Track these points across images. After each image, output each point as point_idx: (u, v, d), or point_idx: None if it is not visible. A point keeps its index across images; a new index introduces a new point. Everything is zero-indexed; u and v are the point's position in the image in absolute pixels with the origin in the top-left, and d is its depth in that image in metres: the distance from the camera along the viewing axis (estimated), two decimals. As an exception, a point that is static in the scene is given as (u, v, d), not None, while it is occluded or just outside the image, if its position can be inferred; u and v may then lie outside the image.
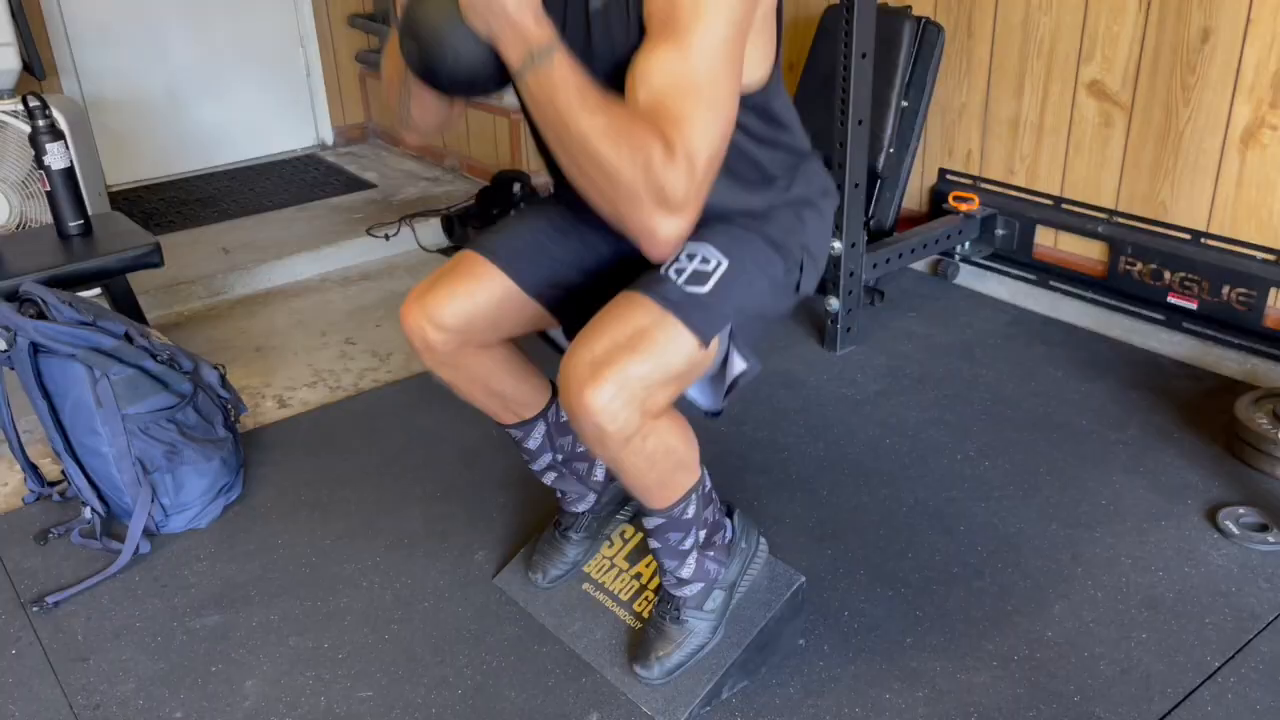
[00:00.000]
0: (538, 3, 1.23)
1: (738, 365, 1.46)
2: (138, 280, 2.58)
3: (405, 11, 1.31)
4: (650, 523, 1.58)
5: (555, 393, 1.78)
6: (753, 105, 1.41)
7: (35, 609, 1.91)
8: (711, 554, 1.67)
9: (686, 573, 1.64)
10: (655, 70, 1.22)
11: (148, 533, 2.06)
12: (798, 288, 1.54)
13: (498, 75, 1.29)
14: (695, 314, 1.35)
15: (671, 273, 1.38)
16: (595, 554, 1.91)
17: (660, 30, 1.24)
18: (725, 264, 1.40)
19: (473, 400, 1.71)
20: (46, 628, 1.88)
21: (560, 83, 1.21)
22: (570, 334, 1.56)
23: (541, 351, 1.74)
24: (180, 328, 3.10)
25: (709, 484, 1.62)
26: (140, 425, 2.04)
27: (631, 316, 1.34)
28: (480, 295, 1.57)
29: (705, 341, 1.37)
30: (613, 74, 1.30)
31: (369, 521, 2.15)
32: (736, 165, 1.43)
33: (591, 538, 1.92)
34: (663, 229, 1.24)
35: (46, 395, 2.03)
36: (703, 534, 1.62)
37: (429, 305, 1.56)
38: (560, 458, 1.85)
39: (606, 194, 1.24)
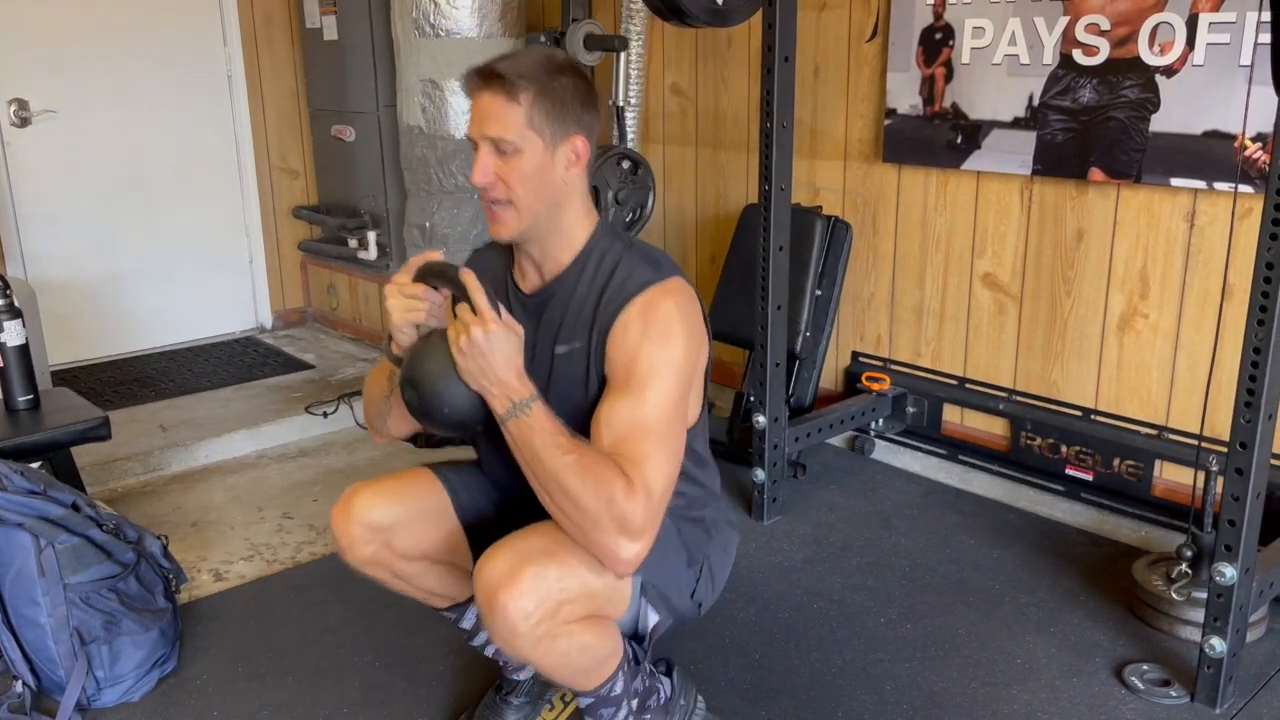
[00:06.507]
0: (520, 364, 1.47)
1: (652, 618, 1.64)
2: (75, 457, 2.62)
3: (408, 365, 1.52)
4: (582, 702, 1.66)
5: None
6: None
7: (-42, 787, 1.87)
8: (648, 717, 1.73)
9: (625, 741, 1.70)
10: (617, 418, 1.48)
11: (79, 707, 2.04)
12: (693, 595, 1.71)
13: (484, 421, 1.52)
14: None
15: None
16: (536, 718, 1.94)
17: (620, 385, 1.51)
18: None
19: (402, 593, 1.80)
20: (-31, 806, 1.83)
21: (537, 428, 1.45)
22: None
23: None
24: (116, 504, 3.10)
25: (633, 653, 1.69)
26: (81, 594, 2.05)
27: (556, 533, 1.50)
28: (411, 502, 1.72)
29: None
30: (568, 407, 1.53)
31: (308, 691, 2.15)
32: None
33: (532, 702, 1.96)
34: (625, 551, 1.44)
35: (-12, 565, 2.04)
36: (635, 703, 1.69)
37: (360, 498, 1.69)
38: None
39: (574, 518, 1.44)
